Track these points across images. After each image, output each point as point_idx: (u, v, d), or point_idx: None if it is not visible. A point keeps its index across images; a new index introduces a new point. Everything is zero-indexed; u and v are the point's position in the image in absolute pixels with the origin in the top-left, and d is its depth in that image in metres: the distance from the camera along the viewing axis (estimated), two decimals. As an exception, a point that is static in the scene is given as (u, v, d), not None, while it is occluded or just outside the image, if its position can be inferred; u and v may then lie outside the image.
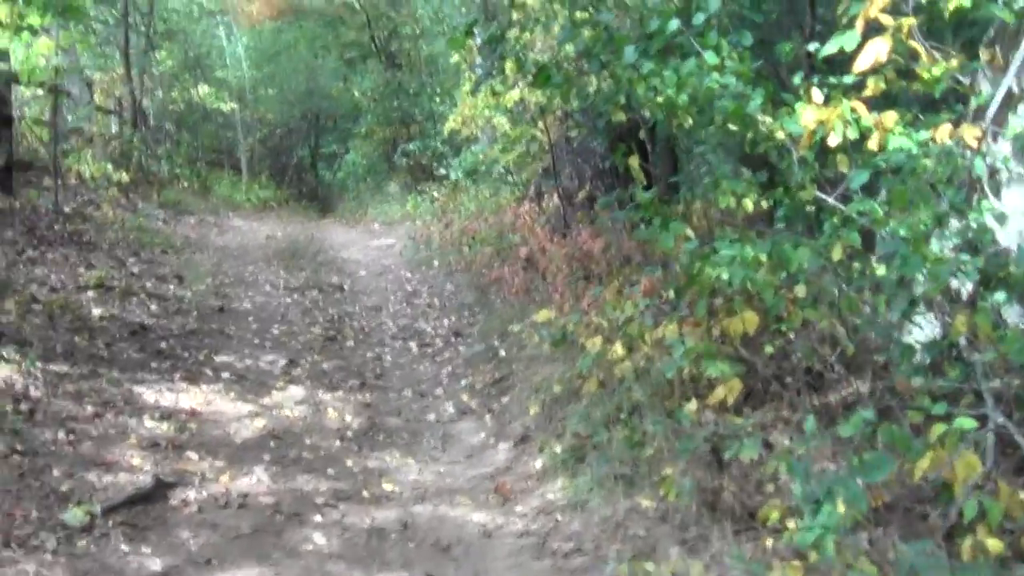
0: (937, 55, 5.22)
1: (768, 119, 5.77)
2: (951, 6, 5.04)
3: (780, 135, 5.76)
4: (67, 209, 13.76)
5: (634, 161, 8.12)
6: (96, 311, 9.00)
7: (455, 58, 14.35)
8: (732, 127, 6.04)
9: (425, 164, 22.14)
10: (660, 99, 6.32)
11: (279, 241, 16.08)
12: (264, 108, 29.07)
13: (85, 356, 7.79)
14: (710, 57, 5.99)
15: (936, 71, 5.15)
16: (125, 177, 16.15)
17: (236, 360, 8.69)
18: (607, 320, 8.00)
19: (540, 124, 12.82)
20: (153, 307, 9.74)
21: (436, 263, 13.60)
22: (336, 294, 12.09)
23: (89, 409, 6.77)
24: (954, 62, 5.14)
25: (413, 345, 9.93)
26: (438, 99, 21.44)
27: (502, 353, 8.92)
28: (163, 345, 8.62)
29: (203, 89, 25.71)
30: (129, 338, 8.56)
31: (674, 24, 6.22)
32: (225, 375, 8.20)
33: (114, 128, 22.49)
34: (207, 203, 19.95)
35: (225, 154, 28.84)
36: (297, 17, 28.40)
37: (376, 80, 24.36)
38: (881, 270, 5.11)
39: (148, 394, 7.42)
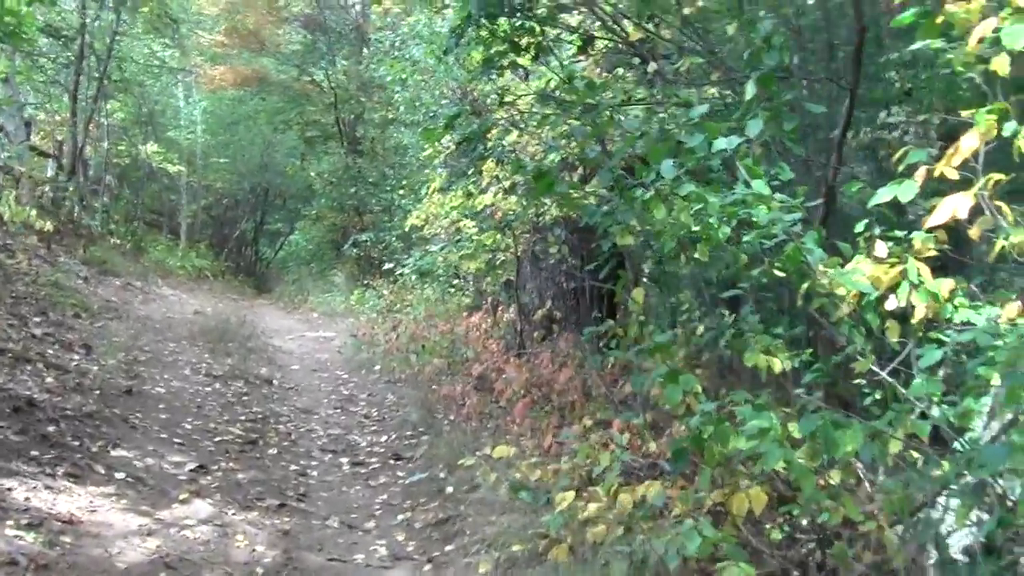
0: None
1: (831, 270, 4.68)
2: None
3: (839, 291, 4.68)
4: (-25, 253, 12.39)
5: (638, 295, 6.99)
6: (-22, 378, 7.59)
7: (427, 152, 13.20)
8: (778, 272, 4.93)
9: (374, 257, 20.94)
10: (694, 227, 5.20)
11: (208, 318, 14.70)
12: (213, 176, 27.98)
13: (-50, 434, 6.39)
14: (759, 186, 4.88)
15: (1016, 237, 4.08)
16: (49, 226, 14.73)
17: (136, 457, 7.30)
18: (576, 468, 6.86)
19: (509, 234, 11.75)
20: (49, 380, 8.33)
21: (378, 368, 12.33)
22: (264, 388, 10.75)
23: (-66, 506, 5.38)
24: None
25: (345, 462, 8.59)
26: (400, 192, 20.32)
27: (449, 489, 7.61)
28: (51, 429, 7.20)
29: (152, 147, 24.57)
30: (10, 416, 7.15)
31: (726, 143, 5.09)
32: (119, 475, 6.81)
33: (49, 172, 21.20)
34: (137, 266, 18.51)
35: (165, 217, 27.78)
36: (261, 88, 27.42)
37: (335, 163, 23.24)
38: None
39: (19, 491, 6.03)
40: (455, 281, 17.34)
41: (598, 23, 8.87)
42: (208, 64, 27.71)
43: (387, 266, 19.74)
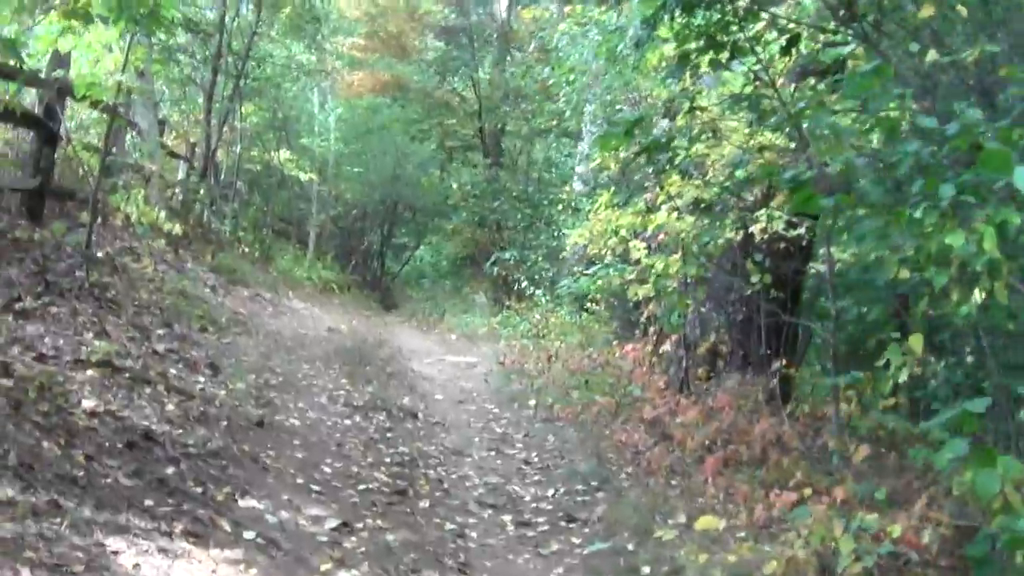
0: None
1: None
2: None
3: None
4: (99, 254, 11.25)
5: (916, 341, 5.51)
6: (88, 402, 6.33)
7: (595, 163, 11.82)
8: None
9: (512, 277, 19.61)
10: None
11: (343, 337, 13.48)
12: (344, 185, 27.07)
13: (49, 476, 5.11)
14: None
15: None
16: (178, 229, 13.68)
17: (268, 509, 5.97)
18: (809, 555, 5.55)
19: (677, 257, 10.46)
20: (170, 407, 7.07)
21: (533, 403, 10.93)
22: (408, 422, 9.43)
23: (20, 580, 4.11)
24: None
25: (507, 520, 7.20)
26: (558, 207, 18.97)
27: (645, 569, 6.16)
28: (170, 471, 5.91)
29: (284, 153, 23.75)
30: (123, 453, 5.87)
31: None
32: (248, 534, 5.48)
33: (180, 174, 20.35)
34: (265, 276, 17.40)
35: (294, 225, 26.90)
36: (400, 96, 26.40)
37: (476, 176, 21.97)
38: None
39: (127, 554, 4.74)
40: (590, 306, 16.00)
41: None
42: (346, 69, 26.87)
43: (528, 288, 18.55)
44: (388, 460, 7.82)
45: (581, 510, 7.42)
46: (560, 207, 19.20)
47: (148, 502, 5.36)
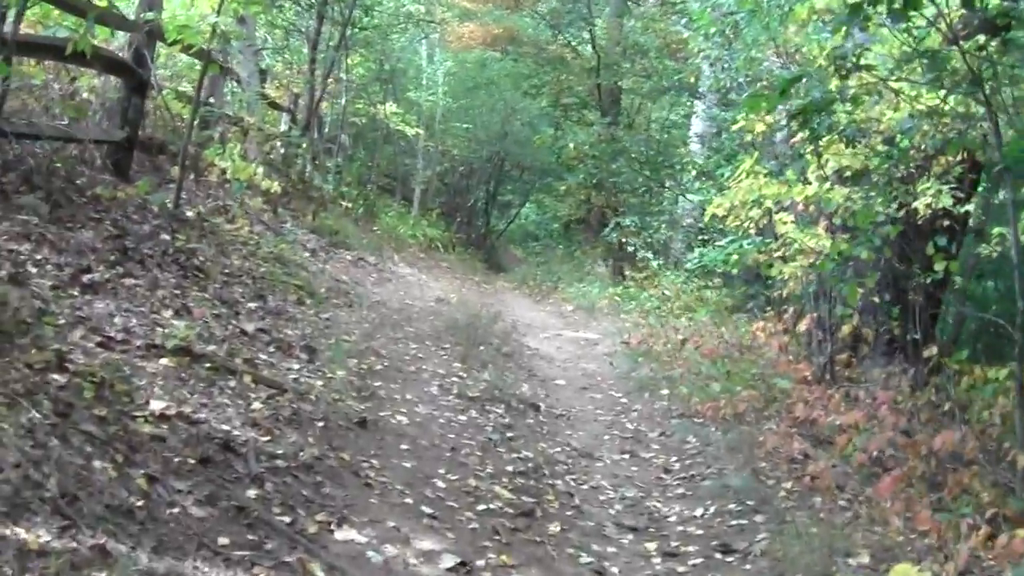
0: None
1: None
2: None
3: None
4: (189, 214, 10.24)
5: None
6: (157, 403, 5.22)
7: (738, 125, 10.48)
8: None
9: (630, 245, 18.30)
10: None
11: (453, 309, 12.31)
12: (451, 141, 26.06)
13: (98, 508, 4.01)
14: None
15: None
16: (277, 186, 12.63)
17: (371, 543, 4.82)
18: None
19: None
20: (256, 404, 5.95)
21: (665, 392, 9.68)
22: (528, 416, 8.24)
23: None
24: None
25: (652, 550, 5.97)
26: (674, 170, 17.63)
27: (833, 634, 4.93)
28: (251, 493, 4.79)
29: (391, 107, 22.74)
30: (195, 471, 4.75)
31: None
32: (345, 582, 4.36)
33: (282, 127, 19.35)
34: (369, 236, 16.27)
35: (398, 182, 26.09)
36: (512, 49, 25.18)
37: (594, 135, 20.58)
38: None
39: (192, 621, 3.64)
40: (714, 280, 14.72)
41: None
42: (456, 20, 25.77)
43: (648, 257, 17.25)
44: (510, 469, 6.62)
45: (738, 538, 6.17)
46: (684, 170, 17.84)
47: (223, 540, 4.25)
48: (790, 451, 7.55)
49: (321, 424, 6.10)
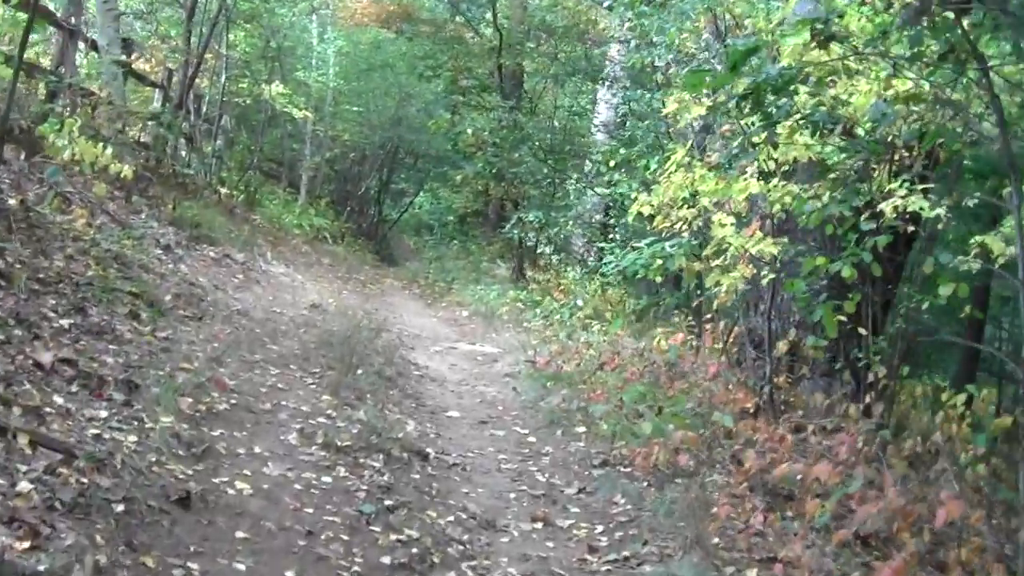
0: None
1: None
2: None
3: None
4: (11, 201, 8.39)
5: None
6: None
7: (669, 108, 8.94)
8: None
9: (532, 242, 16.70)
10: None
11: (329, 318, 10.53)
12: (342, 126, 24.42)
13: None
14: None
15: None
16: (128, 171, 10.71)
17: None
18: None
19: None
20: (24, 485, 4.18)
21: (582, 431, 8.05)
22: (414, 470, 6.51)
23: None
24: None
25: None
26: (594, 162, 16.07)
27: None
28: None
29: (277, 88, 20.85)
30: None
31: None
32: None
33: (156, 105, 17.43)
34: (240, 229, 14.35)
35: (285, 167, 24.28)
36: (408, 28, 23.48)
37: (493, 122, 18.86)
38: None
39: None
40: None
41: None
42: (349, -2, 24.03)
43: (553, 256, 15.70)
44: (387, 561, 4.94)
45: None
46: (594, 161, 16.28)
47: None
48: (745, 516, 5.99)
49: (121, 508, 4.35)
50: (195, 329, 7.95)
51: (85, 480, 4.41)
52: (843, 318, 7.32)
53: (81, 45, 14.39)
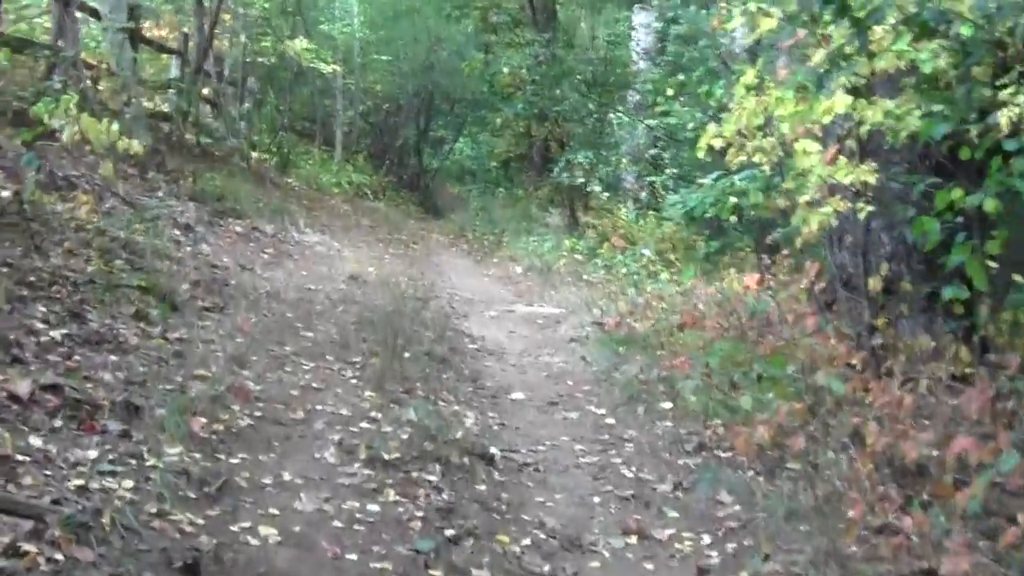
0: None
1: None
2: None
3: None
4: (3, 193, 7.44)
5: None
6: None
7: (736, 20, 7.77)
8: None
9: (578, 181, 15.55)
10: None
11: (370, 291, 9.53)
12: (373, 77, 23.45)
13: None
14: None
15: None
16: (137, 147, 9.68)
17: None
18: None
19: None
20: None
21: (668, 408, 6.97)
22: (478, 480, 5.45)
23: None
24: None
25: None
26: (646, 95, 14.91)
27: None
28: None
29: (302, 43, 19.96)
30: None
31: None
32: None
33: (173, 73, 16.53)
34: (269, 198, 13.31)
35: (319, 125, 23.41)
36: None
37: (529, 58, 17.64)
38: None
39: None
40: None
41: None
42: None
43: (605, 196, 14.57)
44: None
45: None
46: (647, 91, 15.08)
47: None
48: (887, 518, 4.90)
49: (103, 589, 3.35)
50: (215, 323, 6.94)
51: (60, 556, 3.41)
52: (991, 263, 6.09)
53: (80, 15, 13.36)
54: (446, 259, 14.15)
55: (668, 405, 6.96)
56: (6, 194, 7.53)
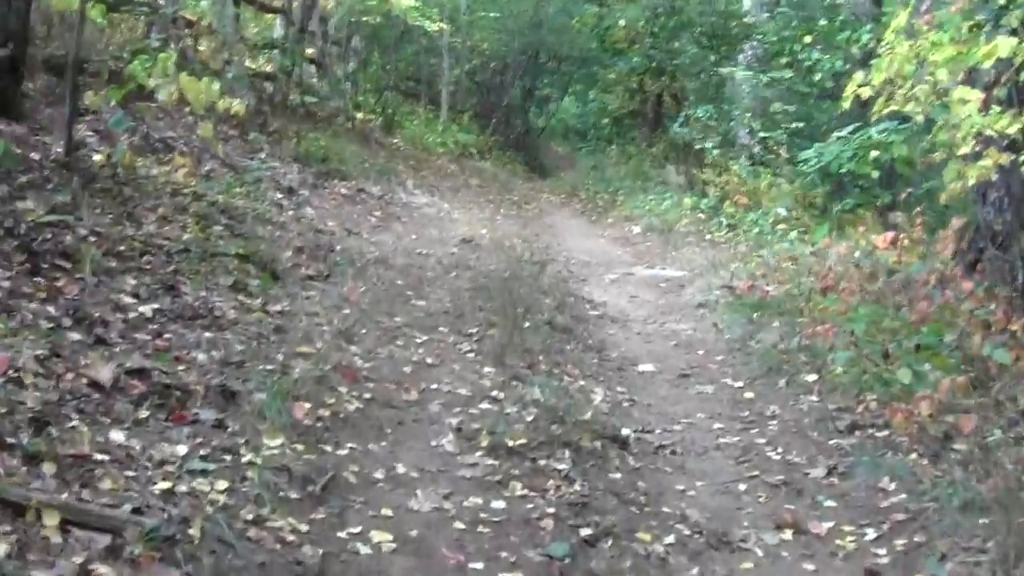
0: None
1: None
2: None
3: None
4: (96, 157, 7.02)
5: None
6: None
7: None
8: None
9: (698, 140, 14.81)
10: None
11: (483, 255, 8.99)
12: (480, 35, 23.15)
13: None
14: None
15: None
16: (238, 107, 9.24)
17: None
18: None
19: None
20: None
21: (812, 380, 6.32)
22: (611, 466, 4.87)
23: None
24: None
25: None
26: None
27: None
28: None
29: (407, 1, 19.48)
30: None
31: None
32: None
33: (278, 32, 16.19)
34: (375, 158, 12.86)
35: (424, 85, 23.23)
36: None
37: (648, 9, 16.80)
38: None
39: None
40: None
41: None
42: None
43: (721, 154, 13.82)
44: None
45: None
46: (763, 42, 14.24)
47: None
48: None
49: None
50: (320, 294, 6.44)
51: (139, 578, 2.91)
52: None
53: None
54: (559, 220, 13.54)
55: (812, 377, 6.30)
56: (99, 157, 7.12)
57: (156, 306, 5.14)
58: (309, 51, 16.32)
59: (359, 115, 17.16)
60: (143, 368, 4.27)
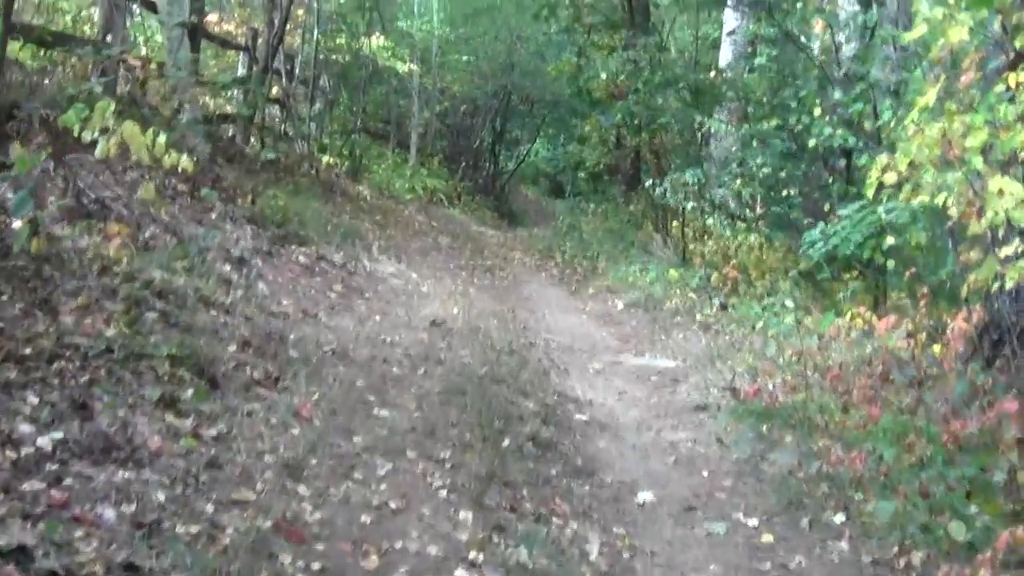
0: None
1: None
2: None
3: None
4: (16, 224, 6.03)
5: None
6: None
7: (916, 30, 6.27)
8: None
9: (671, 201, 13.99)
10: None
11: (455, 342, 8.03)
12: (451, 77, 23.69)
13: None
14: None
15: None
16: (185, 162, 8.26)
17: None
18: None
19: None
20: None
21: (840, 521, 5.40)
22: None
23: None
24: None
25: None
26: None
27: None
28: None
29: (378, 40, 18.85)
30: None
31: None
32: None
33: (240, 71, 15.39)
34: (342, 215, 11.93)
35: (393, 126, 22.61)
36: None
37: (630, 62, 15.84)
38: None
39: None
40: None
41: None
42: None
43: (709, 218, 12.99)
44: None
45: None
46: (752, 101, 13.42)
47: None
48: None
49: None
50: (266, 408, 5.44)
51: None
52: None
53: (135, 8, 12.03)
54: (536, 289, 12.59)
55: (840, 518, 5.38)
56: (18, 224, 6.11)
57: (60, 435, 4.15)
58: (274, 91, 15.47)
59: (325, 159, 16.32)
60: (23, 547, 3.27)
